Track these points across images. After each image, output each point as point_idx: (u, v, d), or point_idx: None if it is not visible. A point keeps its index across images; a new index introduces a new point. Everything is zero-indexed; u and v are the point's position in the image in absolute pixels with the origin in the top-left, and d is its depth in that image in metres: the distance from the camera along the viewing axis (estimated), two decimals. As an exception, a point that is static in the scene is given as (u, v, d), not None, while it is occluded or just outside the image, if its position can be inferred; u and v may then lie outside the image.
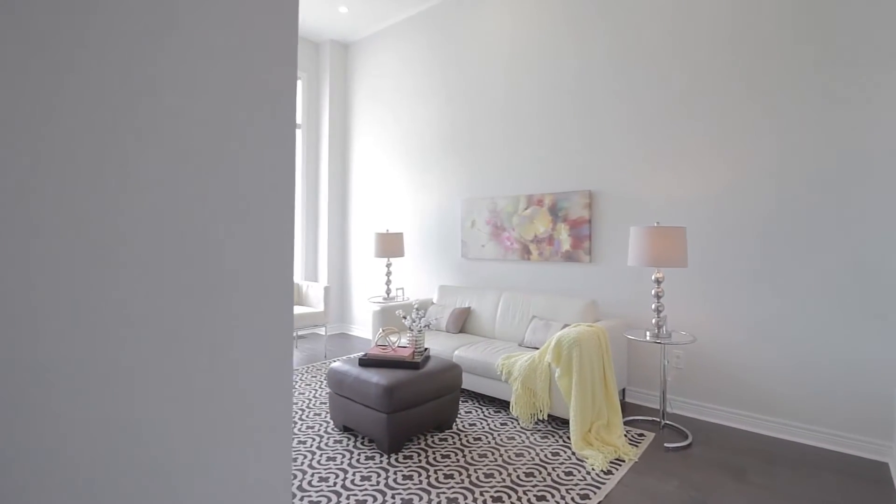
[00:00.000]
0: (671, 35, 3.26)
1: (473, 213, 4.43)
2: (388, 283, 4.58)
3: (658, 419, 3.07)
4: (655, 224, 2.76)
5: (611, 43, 3.55)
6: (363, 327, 5.60)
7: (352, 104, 5.74)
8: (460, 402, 3.35)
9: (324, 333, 5.62)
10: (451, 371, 2.90)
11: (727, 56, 3.03)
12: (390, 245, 4.49)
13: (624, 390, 3.45)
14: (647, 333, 2.88)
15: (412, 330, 2.98)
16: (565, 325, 3.30)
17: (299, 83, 5.66)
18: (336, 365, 2.90)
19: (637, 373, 3.41)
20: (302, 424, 2.95)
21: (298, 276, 5.72)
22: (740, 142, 2.98)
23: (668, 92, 3.26)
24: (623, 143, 3.48)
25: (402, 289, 4.64)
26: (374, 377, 2.64)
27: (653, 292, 2.87)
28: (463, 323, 3.99)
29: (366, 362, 2.82)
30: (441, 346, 3.53)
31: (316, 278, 5.83)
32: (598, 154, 3.62)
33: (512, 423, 3.00)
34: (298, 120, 5.68)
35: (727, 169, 3.02)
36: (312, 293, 4.79)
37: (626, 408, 3.32)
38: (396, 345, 2.92)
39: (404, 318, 2.97)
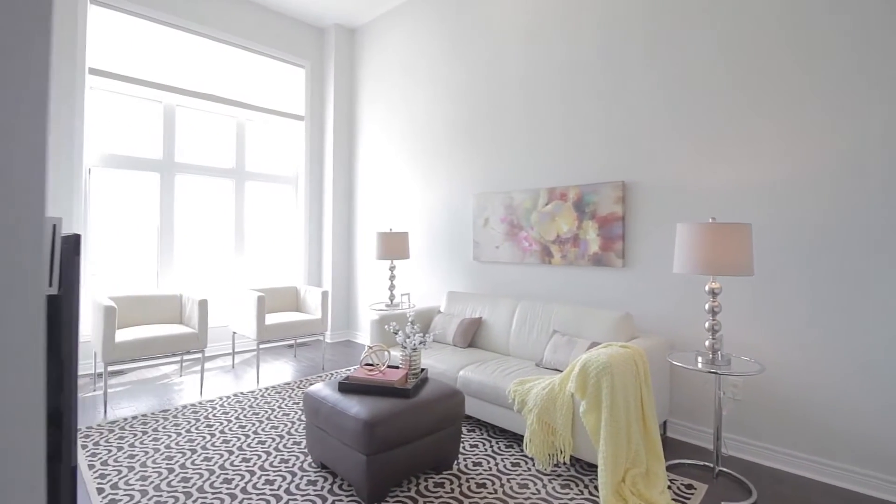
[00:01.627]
0: (727, -11, 2.65)
1: (487, 209, 3.89)
2: (392, 287, 4.09)
3: (710, 464, 2.46)
4: (711, 220, 2.18)
5: (647, 6, 2.96)
6: (369, 335, 5.13)
7: (358, 94, 5.30)
8: (465, 433, 2.82)
9: (329, 341, 5.19)
10: (452, 399, 2.37)
11: (791, 17, 2.40)
12: (394, 246, 4.00)
13: (665, 423, 2.84)
14: (699, 358, 2.28)
15: (405, 348, 2.47)
16: (593, 344, 2.72)
17: (302, 72, 5.25)
18: (314, 388, 2.42)
19: (682, 402, 2.80)
20: (275, 457, 2.48)
21: (300, 280, 5.30)
22: (822, 117, 2.35)
23: (722, 62, 2.66)
24: (664, 124, 2.89)
25: (408, 294, 4.14)
26: (354, 408, 2.14)
27: (706, 306, 2.27)
28: (473, 336, 3.46)
29: (347, 387, 2.33)
30: (445, 364, 3.01)
31: (320, 282, 5.40)
32: (632, 138, 3.03)
33: (526, 463, 2.45)
34: (301, 111, 5.27)
35: (805, 151, 2.40)
36: (311, 299, 4.35)
37: (668, 445, 2.71)
38: (385, 365, 2.42)
39: (395, 332, 2.47)
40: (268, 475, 2.30)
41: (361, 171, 5.24)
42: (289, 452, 2.54)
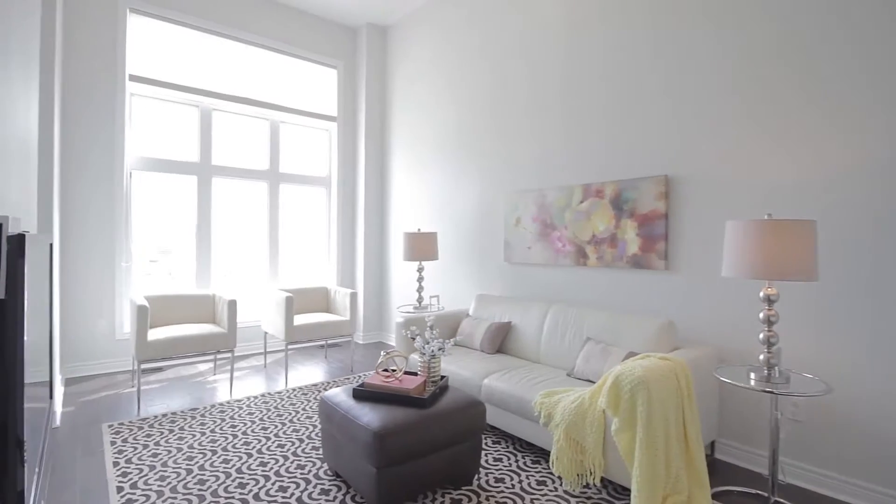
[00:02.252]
0: (786, -44, 2.35)
1: (518, 208, 3.70)
2: (420, 290, 3.98)
3: (764, 492, 2.18)
4: (766, 217, 1.91)
5: (696, -19, 2.68)
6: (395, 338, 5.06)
7: (390, 92, 5.24)
8: (489, 445, 2.65)
9: (361, 342, 5.17)
10: (472, 410, 2.22)
11: (878, -27, 2.08)
12: (422, 247, 3.89)
13: (713, 444, 2.56)
14: (752, 375, 2.01)
15: (424, 354, 2.34)
16: (630, 354, 2.49)
17: (334, 73, 5.26)
18: (329, 394, 2.34)
19: (732, 421, 2.51)
20: (292, 462, 2.42)
21: (333, 281, 5.31)
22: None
23: (782, 47, 2.35)
24: (714, 112, 2.60)
25: (437, 297, 4.02)
26: (366, 416, 2.03)
27: (761, 315, 2.00)
28: (501, 341, 3.29)
29: (361, 394, 2.23)
30: (469, 371, 2.86)
31: (353, 283, 5.39)
32: (677, 128, 2.76)
33: (553, 482, 2.26)
34: (333, 112, 5.27)
35: (876, 139, 2.07)
36: (340, 300, 4.32)
37: (716, 469, 2.44)
38: (402, 372, 2.30)
39: (414, 338, 2.35)
40: (282, 481, 2.24)
41: (394, 170, 5.18)
42: (306, 458, 2.48)
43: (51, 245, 1.60)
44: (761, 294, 2.00)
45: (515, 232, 3.72)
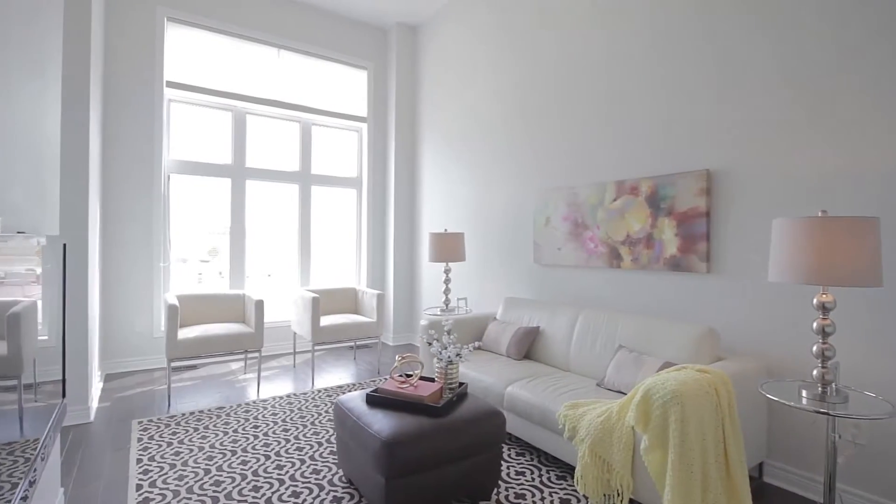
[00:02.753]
0: (846, -79, 2.08)
1: (548, 207, 3.54)
2: (447, 292, 3.89)
3: (821, 525, 1.93)
4: (820, 214, 1.68)
5: (741, -44, 2.45)
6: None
7: (420, 92, 5.18)
8: (512, 457, 2.52)
9: (391, 344, 5.13)
10: (490, 420, 2.10)
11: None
12: (448, 247, 3.80)
13: (761, 466, 2.32)
14: (804, 393, 1.78)
15: (441, 360, 2.24)
16: (665, 365, 2.29)
17: (364, 74, 5.26)
18: (344, 398, 2.28)
19: (783, 440, 2.26)
20: (309, 466, 2.38)
21: (363, 282, 5.31)
22: None
23: (839, 29, 2.09)
24: (761, 99, 2.36)
25: (465, 299, 3.91)
26: (377, 423, 1.96)
27: (815, 325, 1.77)
28: (528, 347, 3.14)
29: (374, 400, 2.16)
30: (493, 378, 2.74)
31: (384, 285, 5.37)
32: (720, 118, 2.53)
33: (578, 501, 2.11)
34: (363, 113, 5.27)
35: (960, 120, 1.79)
36: (367, 301, 4.30)
37: (764, 495, 2.20)
38: (417, 378, 2.21)
39: (430, 343, 2.26)
40: (296, 486, 2.20)
41: (424, 170, 5.11)
42: (322, 462, 2.43)
43: (64, 245, 1.61)
44: (815, 301, 1.77)
45: (545, 232, 3.56)
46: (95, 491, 2.15)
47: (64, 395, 1.63)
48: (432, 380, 2.33)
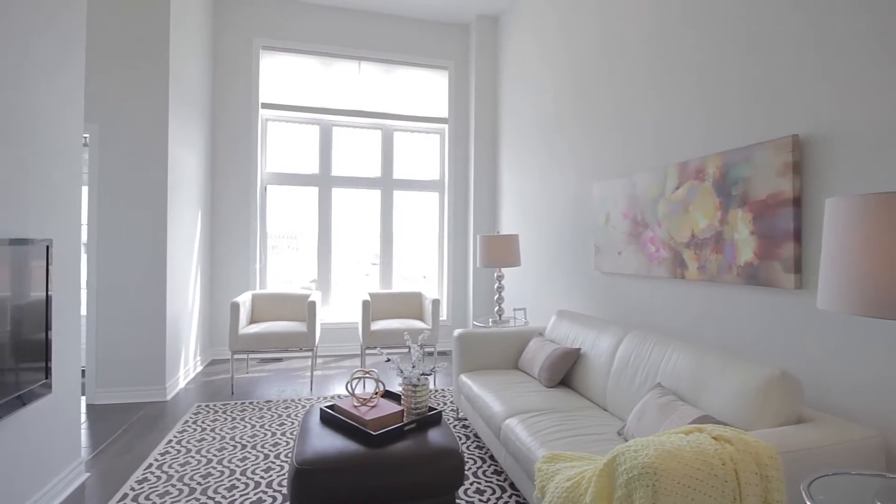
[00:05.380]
0: None
1: (608, 202, 2.88)
2: (500, 300, 3.48)
3: None
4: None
5: None
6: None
7: (500, 87, 4.81)
8: (501, 501, 2.06)
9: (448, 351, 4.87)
10: (443, 462, 1.74)
11: None
12: (500, 251, 3.40)
13: None
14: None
15: (406, 378, 1.95)
16: (702, 419, 1.59)
17: (445, 74, 5.12)
18: (314, 408, 2.15)
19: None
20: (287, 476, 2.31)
21: (443, 287, 5.15)
22: None
23: None
24: (874, 36, 1.49)
25: (524, 310, 3.46)
26: (310, 443, 1.78)
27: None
28: (566, 372, 2.57)
29: (326, 417, 1.98)
30: (504, 405, 2.28)
31: (465, 288, 5.14)
32: (811, 64, 1.68)
33: (547, 586, 1.58)
34: (444, 113, 5.13)
35: None
36: (427, 306, 4.13)
37: None
38: (377, 397, 1.95)
39: (388, 359, 1.98)
40: (261, 495, 2.15)
41: (503, 170, 4.74)
42: (308, 473, 2.34)
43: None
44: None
45: (605, 232, 2.91)
46: (120, 463, 2.43)
47: (51, 389, 1.84)
48: (390, 398, 2.05)
